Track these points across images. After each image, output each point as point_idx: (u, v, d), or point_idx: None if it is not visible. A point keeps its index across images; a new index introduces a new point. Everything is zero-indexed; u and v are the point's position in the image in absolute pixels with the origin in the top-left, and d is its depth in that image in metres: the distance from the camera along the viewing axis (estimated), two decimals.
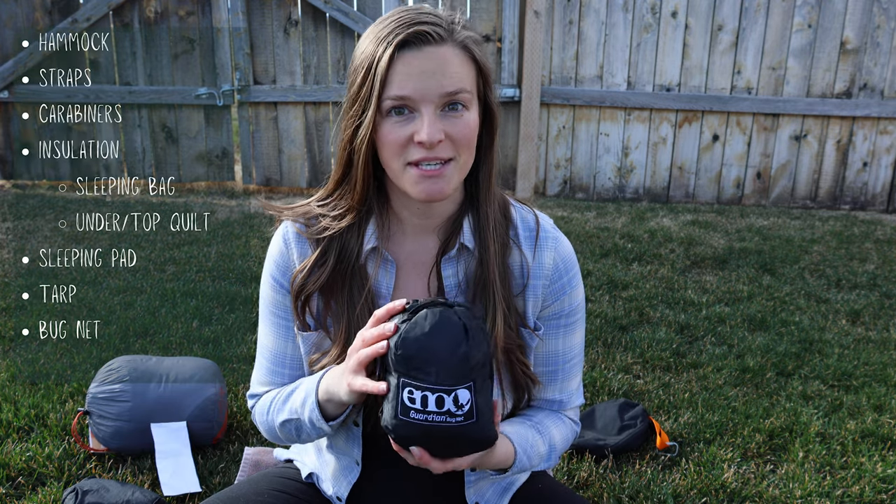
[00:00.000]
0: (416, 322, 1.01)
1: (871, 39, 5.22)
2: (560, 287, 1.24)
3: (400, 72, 1.06)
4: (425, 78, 1.06)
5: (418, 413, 1.00)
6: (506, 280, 1.20)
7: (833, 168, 5.45)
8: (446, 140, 1.08)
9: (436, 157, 1.08)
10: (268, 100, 5.29)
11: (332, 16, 5.15)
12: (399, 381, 1.01)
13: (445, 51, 1.08)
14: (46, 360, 2.66)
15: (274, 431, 1.26)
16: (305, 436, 1.21)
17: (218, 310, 3.17)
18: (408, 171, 1.10)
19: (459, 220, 1.21)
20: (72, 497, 1.80)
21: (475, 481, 1.28)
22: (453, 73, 1.08)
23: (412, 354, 1.00)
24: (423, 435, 1.01)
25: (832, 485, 2.08)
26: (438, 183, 1.10)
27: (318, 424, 1.16)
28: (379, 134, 1.10)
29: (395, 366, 1.01)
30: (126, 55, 5.24)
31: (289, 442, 1.27)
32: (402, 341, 1.01)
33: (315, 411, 1.15)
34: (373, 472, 1.29)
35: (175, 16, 5.19)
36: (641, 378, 2.69)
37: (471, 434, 1.02)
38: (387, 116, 1.09)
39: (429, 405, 0.99)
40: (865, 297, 3.60)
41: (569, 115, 5.39)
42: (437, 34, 1.07)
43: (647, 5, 5.21)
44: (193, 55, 5.25)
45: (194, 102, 5.29)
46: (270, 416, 1.25)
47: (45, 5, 5.14)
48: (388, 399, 1.02)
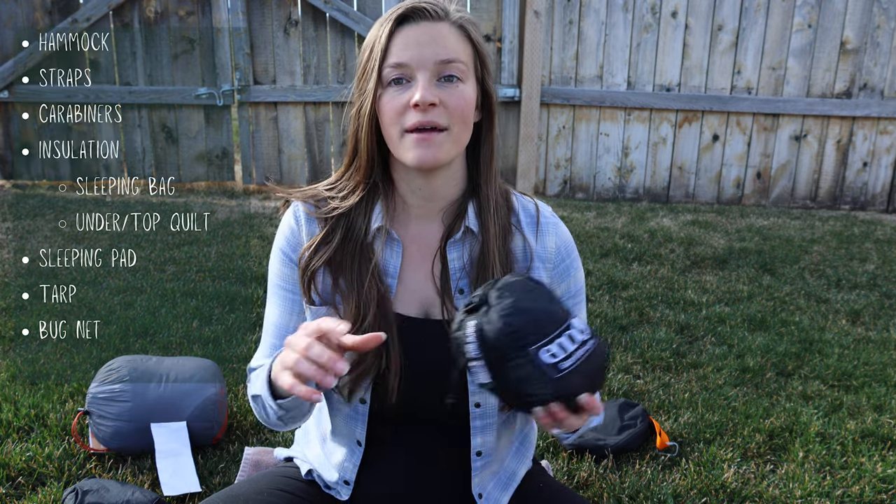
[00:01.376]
0: (490, 307, 0.99)
1: (871, 39, 5.22)
2: (564, 269, 1.28)
3: (398, 43, 1.14)
4: (421, 47, 1.13)
5: (566, 360, 0.98)
6: (507, 263, 1.23)
7: (833, 168, 5.45)
8: (440, 107, 1.13)
9: (430, 121, 1.13)
10: (268, 100, 5.29)
11: (332, 16, 5.15)
12: (524, 357, 0.97)
13: (442, 27, 1.15)
14: (46, 360, 2.66)
15: (254, 408, 1.24)
16: (272, 413, 1.17)
17: (218, 310, 3.17)
18: (404, 138, 1.15)
19: (464, 204, 1.24)
20: (72, 497, 1.80)
21: (480, 469, 1.28)
22: (448, 45, 1.14)
23: (519, 326, 0.98)
24: (582, 375, 0.98)
25: (832, 485, 2.08)
26: (431, 148, 1.14)
27: (268, 402, 1.14)
28: (380, 105, 1.16)
29: (512, 349, 0.97)
30: (126, 55, 5.24)
31: (267, 424, 1.24)
32: (503, 325, 0.97)
33: (265, 388, 1.14)
34: (378, 457, 1.29)
35: (175, 16, 5.19)
36: (641, 378, 2.69)
37: (603, 348, 1.02)
38: (387, 87, 1.15)
39: (567, 348, 0.98)
40: (865, 297, 3.60)
41: (569, 115, 5.39)
42: (435, 11, 1.15)
43: (647, 5, 5.21)
44: (193, 55, 5.25)
45: (194, 102, 5.29)
46: (248, 391, 1.26)
47: (45, 5, 5.14)
48: (520, 380, 0.97)
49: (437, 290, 1.23)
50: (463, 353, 1.00)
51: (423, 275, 1.24)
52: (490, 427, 1.25)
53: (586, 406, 0.98)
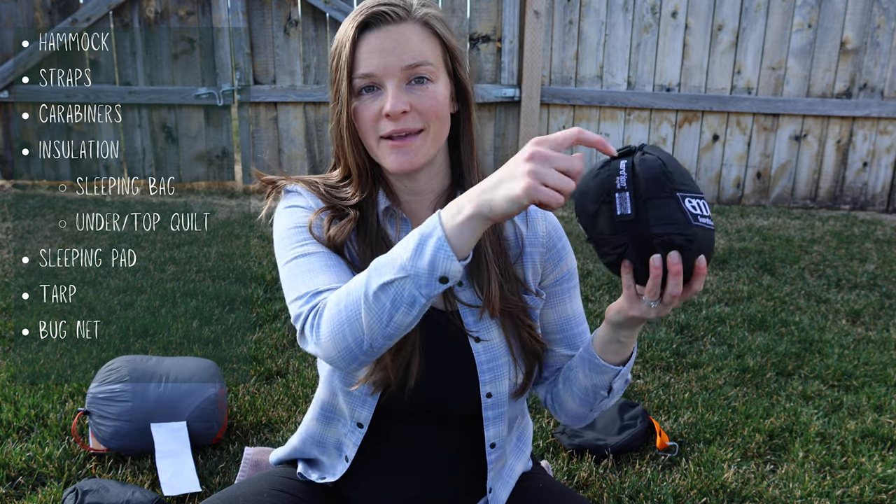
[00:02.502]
0: (644, 152, 1.03)
1: (871, 39, 5.22)
2: (557, 253, 1.30)
3: (363, 51, 1.13)
4: (385, 54, 1.12)
5: (703, 218, 1.01)
6: (500, 249, 1.24)
7: (833, 168, 5.45)
8: (413, 112, 1.13)
9: (404, 128, 1.13)
10: (268, 100, 5.29)
11: (332, 16, 5.15)
12: (670, 197, 1.00)
13: (405, 28, 1.14)
14: (46, 360, 2.66)
15: (356, 315, 0.98)
16: (405, 310, 0.95)
17: (218, 310, 3.17)
18: (381, 144, 1.16)
19: (453, 194, 1.24)
20: (72, 497, 1.80)
21: (495, 461, 1.28)
22: (412, 48, 1.13)
23: (673, 170, 1.01)
24: (709, 239, 1.03)
25: (832, 485, 2.08)
26: (408, 154, 1.15)
27: (445, 265, 0.91)
28: (356, 114, 1.16)
29: (661, 187, 1.00)
30: (126, 55, 5.24)
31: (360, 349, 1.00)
32: (668, 159, 1.03)
33: (444, 245, 0.91)
34: (381, 447, 1.28)
35: (175, 16, 5.19)
36: (641, 378, 2.69)
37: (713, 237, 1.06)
38: (359, 96, 1.15)
39: (703, 209, 1.02)
40: (865, 297, 3.60)
41: (569, 115, 5.39)
42: (395, 13, 1.13)
43: (647, 5, 5.21)
44: (193, 55, 5.25)
45: (194, 102, 5.29)
46: (361, 286, 0.98)
47: (45, 5, 5.14)
48: (660, 217, 0.99)
49: None
50: (611, 184, 1.01)
51: None
52: (501, 417, 1.25)
53: (699, 270, 1.00)
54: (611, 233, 1.02)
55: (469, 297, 1.22)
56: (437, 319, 1.22)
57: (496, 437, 1.26)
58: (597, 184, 1.03)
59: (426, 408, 1.24)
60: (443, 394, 1.22)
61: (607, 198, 1.01)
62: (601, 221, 1.02)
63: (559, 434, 2.24)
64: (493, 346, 1.21)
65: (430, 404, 1.23)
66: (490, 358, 1.22)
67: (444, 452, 1.28)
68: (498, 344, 1.22)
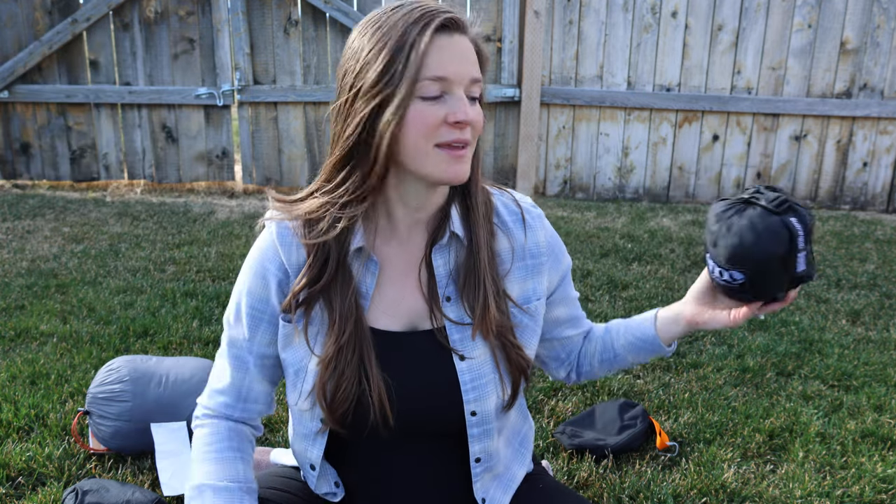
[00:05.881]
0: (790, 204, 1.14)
1: (871, 39, 5.22)
2: (555, 256, 1.32)
3: (437, 54, 1.08)
4: (462, 62, 1.09)
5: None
6: (493, 266, 1.22)
7: (833, 168, 5.45)
8: (469, 125, 1.12)
9: (466, 139, 1.11)
10: (268, 100, 5.29)
11: (332, 16, 5.16)
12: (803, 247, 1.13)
13: (467, 42, 1.12)
14: (46, 360, 2.66)
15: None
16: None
17: (218, 310, 3.17)
18: (436, 152, 1.10)
19: (447, 209, 1.22)
20: (72, 497, 1.80)
21: (481, 474, 1.27)
22: (475, 62, 1.13)
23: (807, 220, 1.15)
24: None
25: (832, 485, 2.08)
26: (464, 165, 1.13)
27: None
28: (406, 116, 1.08)
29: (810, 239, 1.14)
30: (126, 55, 5.24)
31: None
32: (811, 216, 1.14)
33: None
34: (374, 469, 1.28)
35: (175, 16, 5.19)
36: (641, 378, 2.69)
37: None
38: (414, 99, 1.08)
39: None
40: (865, 297, 3.60)
41: (569, 115, 5.39)
42: (464, 24, 1.12)
43: (647, 5, 5.21)
44: (193, 55, 5.26)
45: (194, 102, 5.29)
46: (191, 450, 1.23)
47: (45, 5, 5.14)
48: (810, 263, 1.14)
49: (425, 298, 1.21)
50: (794, 244, 1.12)
51: (409, 286, 1.22)
52: (488, 433, 1.24)
53: (792, 297, 1.19)
54: (787, 284, 1.16)
55: (457, 314, 1.20)
56: (422, 340, 1.20)
57: (482, 451, 1.25)
58: (777, 242, 1.12)
59: (411, 429, 1.22)
60: (426, 413, 1.20)
61: (788, 255, 1.13)
62: (775, 275, 1.15)
63: (559, 434, 2.24)
64: (477, 365, 1.20)
65: (416, 424, 1.21)
66: (474, 377, 1.20)
67: (435, 467, 1.27)
68: (482, 363, 1.20)
